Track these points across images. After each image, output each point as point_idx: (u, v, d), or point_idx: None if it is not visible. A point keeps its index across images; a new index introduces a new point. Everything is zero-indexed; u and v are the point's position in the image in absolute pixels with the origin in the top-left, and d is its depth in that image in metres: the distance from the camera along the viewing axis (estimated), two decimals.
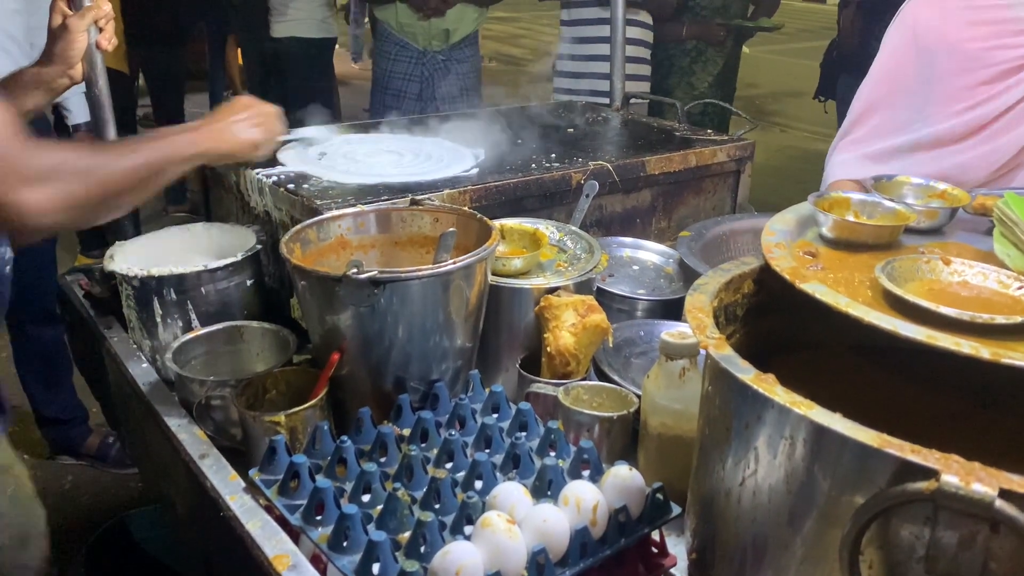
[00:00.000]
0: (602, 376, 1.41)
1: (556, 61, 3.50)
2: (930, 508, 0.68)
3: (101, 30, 1.59)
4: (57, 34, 1.51)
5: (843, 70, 4.75)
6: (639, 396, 1.25)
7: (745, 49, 4.11)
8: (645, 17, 3.45)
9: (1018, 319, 0.86)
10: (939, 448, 0.70)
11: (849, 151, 1.77)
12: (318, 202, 1.54)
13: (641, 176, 1.92)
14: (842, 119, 1.80)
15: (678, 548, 1.10)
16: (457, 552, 0.90)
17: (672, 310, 1.63)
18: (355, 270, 1.16)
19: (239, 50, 5.22)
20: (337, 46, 4.83)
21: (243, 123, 1.49)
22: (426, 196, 1.56)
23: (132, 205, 1.32)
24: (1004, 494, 0.64)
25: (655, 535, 1.09)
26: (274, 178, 1.70)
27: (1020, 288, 0.97)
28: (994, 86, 1.59)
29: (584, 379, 1.35)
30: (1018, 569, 0.67)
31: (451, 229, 1.32)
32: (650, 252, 1.85)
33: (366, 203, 1.53)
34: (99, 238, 1.71)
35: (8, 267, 1.56)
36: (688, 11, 3.67)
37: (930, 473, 0.67)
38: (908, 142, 1.68)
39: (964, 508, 0.65)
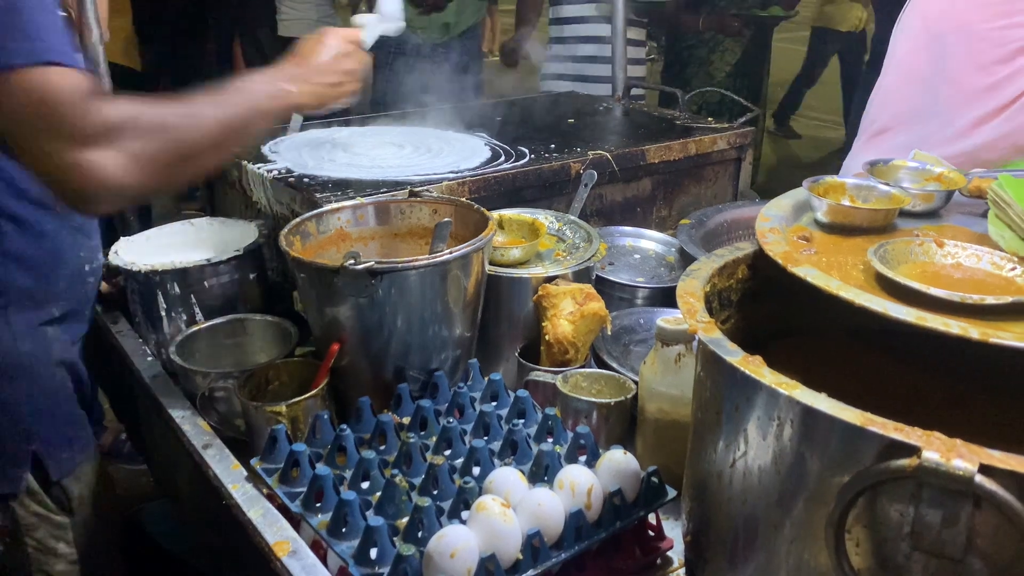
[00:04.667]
0: (601, 364, 1.42)
1: (544, 62, 3.49)
2: (914, 485, 0.69)
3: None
4: None
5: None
6: (637, 383, 1.26)
7: None
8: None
9: (1008, 299, 0.86)
10: (928, 428, 0.70)
11: (867, 153, 1.75)
12: (317, 195, 1.55)
13: (641, 165, 1.92)
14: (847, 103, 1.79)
15: (675, 532, 1.11)
16: (452, 535, 0.91)
17: (672, 298, 1.62)
18: (352, 261, 1.17)
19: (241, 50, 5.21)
20: None
21: (335, 65, 1.31)
22: (424, 188, 1.57)
23: (216, 164, 1.18)
24: (984, 469, 0.65)
25: (652, 519, 1.10)
26: (275, 172, 1.71)
27: (1013, 269, 0.97)
28: (1008, 65, 1.58)
29: (583, 367, 1.36)
30: (1001, 544, 0.68)
31: (446, 219, 1.33)
32: (651, 241, 1.85)
33: (365, 195, 1.54)
34: (110, 237, 1.73)
35: (98, 262, 1.49)
36: (706, 3, 3.71)
37: (912, 450, 0.68)
38: (925, 134, 1.67)
39: (945, 484, 0.66)
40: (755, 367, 0.82)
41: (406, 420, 1.23)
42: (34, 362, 1.32)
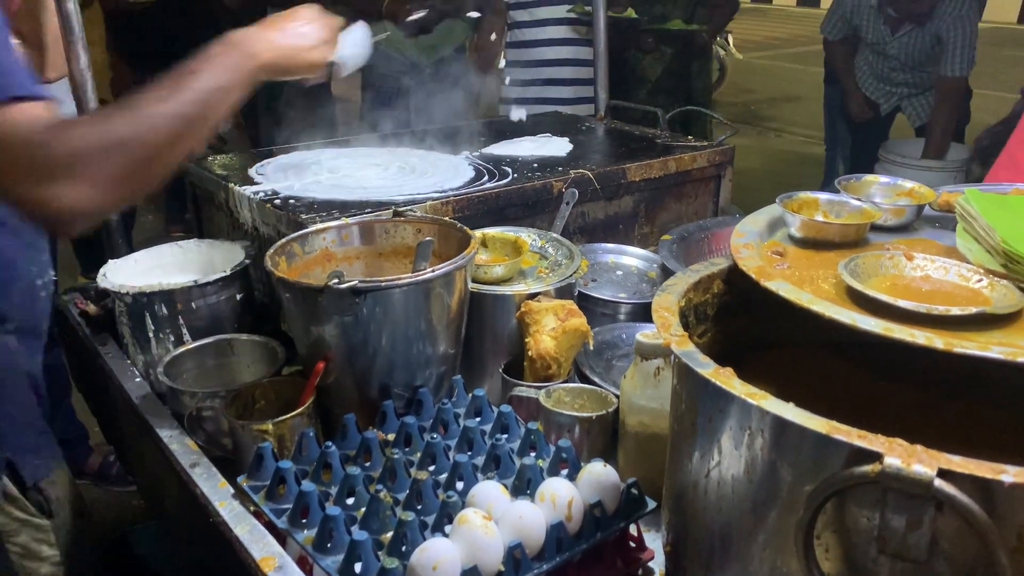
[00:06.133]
0: (583, 379, 1.44)
1: (502, 86, 3.51)
2: (879, 491, 0.71)
3: None
4: None
5: (827, 82, 4.81)
6: (619, 397, 1.28)
7: (739, 55, 4.15)
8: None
9: (972, 310, 0.88)
10: (908, 440, 0.72)
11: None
12: (303, 216, 1.57)
13: (622, 183, 1.96)
14: (830, 130, 1.79)
15: (656, 543, 1.13)
16: (434, 548, 0.93)
17: None
18: (336, 280, 1.19)
19: None
20: None
21: (303, 28, 1.29)
22: (408, 208, 1.59)
23: (184, 155, 1.11)
24: (943, 474, 0.67)
25: (633, 530, 1.12)
26: (261, 194, 1.74)
27: (980, 281, 1.00)
28: None
29: (566, 382, 1.39)
30: (964, 547, 0.70)
31: (428, 239, 1.35)
32: (633, 257, 1.88)
33: (350, 216, 1.56)
34: (98, 259, 1.74)
35: (49, 276, 1.51)
36: (630, 24, 3.67)
37: (875, 456, 0.70)
38: None
39: (906, 488, 0.68)
40: (726, 379, 0.84)
41: (391, 436, 1.25)
42: (2, 373, 1.33)
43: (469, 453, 1.19)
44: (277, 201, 1.69)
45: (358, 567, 0.97)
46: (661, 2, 3.73)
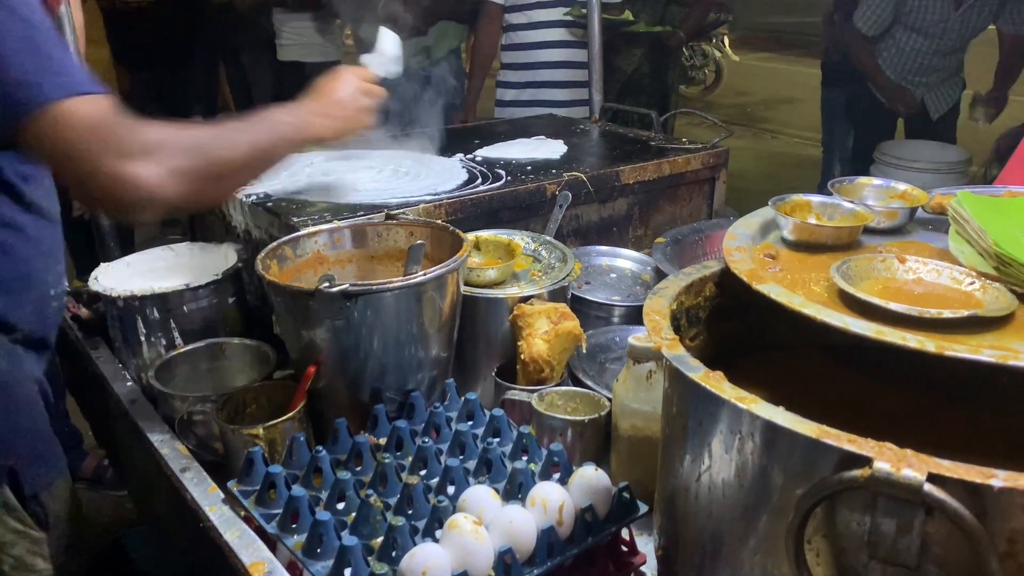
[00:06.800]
0: (576, 382, 1.43)
1: (497, 89, 3.52)
2: (869, 495, 0.71)
3: None
4: None
5: (824, 85, 4.79)
6: (612, 400, 1.28)
7: (735, 57, 4.14)
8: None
9: (964, 313, 0.88)
10: (900, 444, 0.72)
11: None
12: (294, 219, 1.57)
13: (616, 186, 1.95)
14: (828, 133, 1.78)
15: (649, 547, 1.12)
16: (424, 553, 0.93)
17: None
18: (327, 284, 1.19)
19: (226, 75, 5.20)
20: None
21: (353, 102, 1.45)
22: (401, 211, 1.59)
23: (244, 183, 1.35)
24: (933, 478, 0.67)
25: (625, 534, 1.12)
26: (253, 197, 1.73)
27: (972, 283, 0.99)
28: None
29: (559, 385, 1.38)
30: (954, 551, 0.70)
31: (419, 242, 1.35)
32: (627, 260, 1.88)
33: (342, 219, 1.56)
34: (94, 263, 1.73)
35: (62, 287, 1.52)
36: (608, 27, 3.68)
37: (865, 461, 0.70)
38: None
39: (896, 493, 0.68)
40: (716, 382, 0.84)
41: (382, 441, 1.24)
42: (10, 379, 1.32)
43: (461, 457, 1.19)
44: (269, 204, 1.69)
45: (348, 572, 0.97)
46: (629, 3, 3.72)
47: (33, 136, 1.09)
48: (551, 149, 2.13)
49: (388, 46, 1.69)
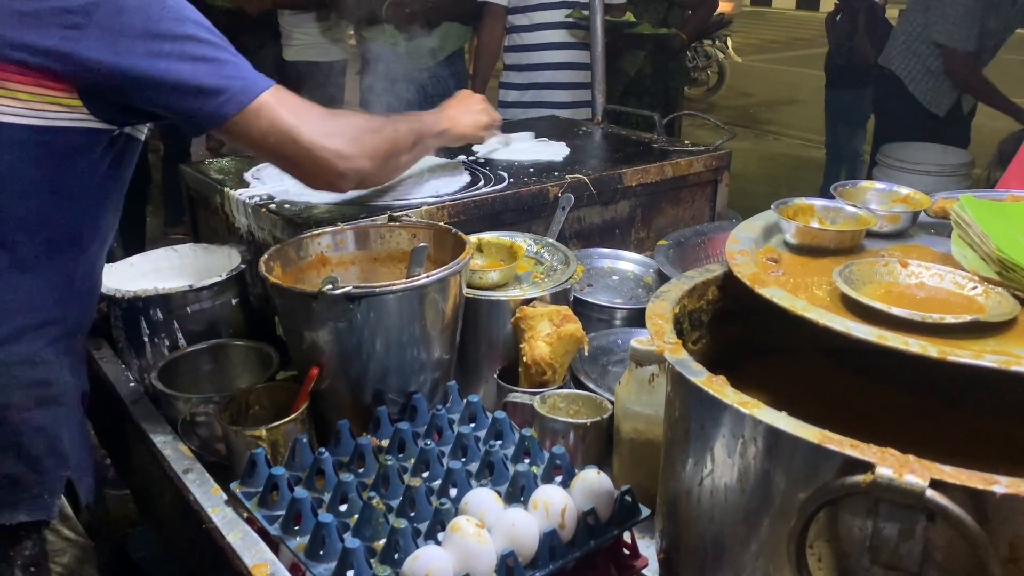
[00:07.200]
0: (579, 384, 1.44)
1: (500, 90, 3.52)
2: (871, 500, 0.71)
3: None
4: None
5: (830, 86, 4.79)
6: (614, 403, 1.28)
7: (737, 58, 4.14)
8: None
9: (967, 318, 0.88)
10: (902, 449, 0.72)
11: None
12: (297, 221, 1.57)
13: (618, 188, 1.95)
14: (831, 135, 1.78)
15: (651, 550, 1.13)
16: (426, 556, 0.93)
17: None
18: (330, 286, 1.19)
19: None
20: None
21: (475, 112, 1.84)
22: (404, 212, 1.59)
23: (406, 168, 1.61)
24: (935, 484, 0.67)
25: (627, 537, 1.12)
26: (256, 199, 1.73)
27: (974, 288, 0.99)
28: None
29: (561, 387, 1.38)
30: (957, 558, 0.70)
31: (422, 244, 1.35)
32: (629, 262, 1.88)
33: (345, 220, 1.56)
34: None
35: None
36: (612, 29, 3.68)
37: (867, 466, 0.70)
38: None
39: (898, 499, 0.68)
40: (718, 387, 0.84)
41: (385, 443, 1.25)
42: (71, 390, 1.34)
43: (463, 460, 1.19)
44: (272, 205, 1.69)
45: (350, 574, 0.97)
46: (632, 5, 3.73)
47: (240, 131, 1.26)
48: (553, 151, 2.14)
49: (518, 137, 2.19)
